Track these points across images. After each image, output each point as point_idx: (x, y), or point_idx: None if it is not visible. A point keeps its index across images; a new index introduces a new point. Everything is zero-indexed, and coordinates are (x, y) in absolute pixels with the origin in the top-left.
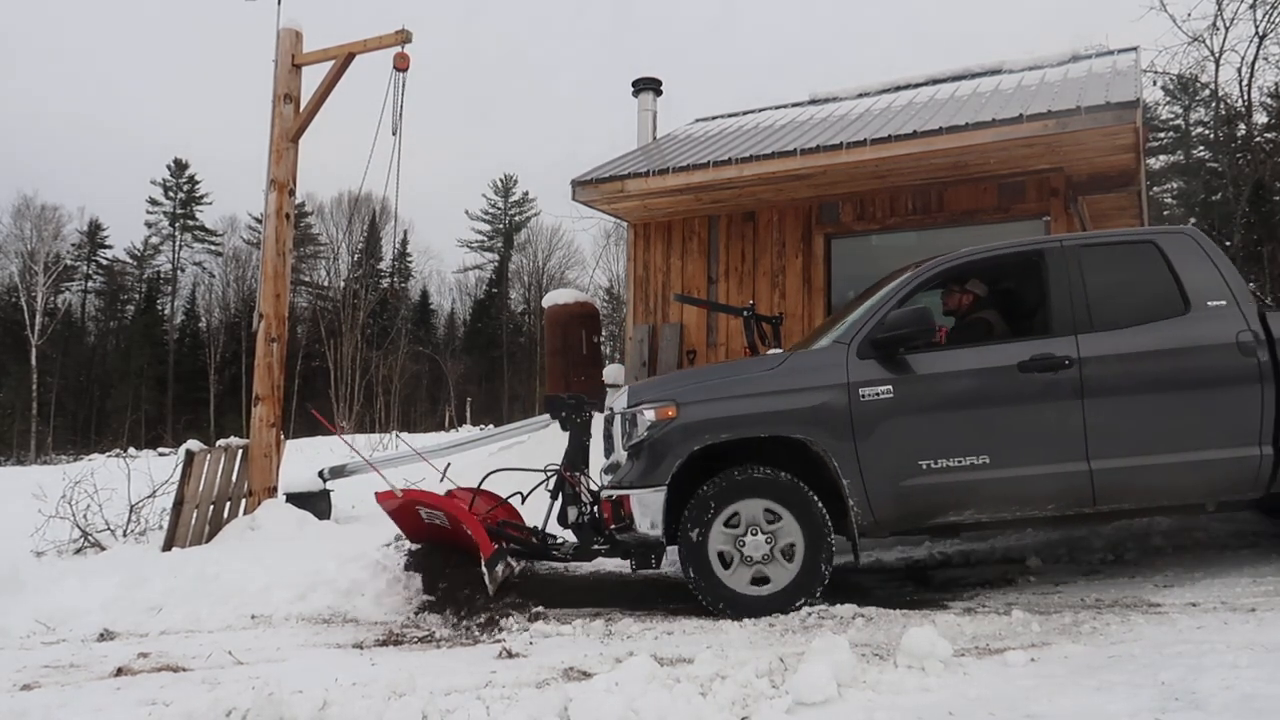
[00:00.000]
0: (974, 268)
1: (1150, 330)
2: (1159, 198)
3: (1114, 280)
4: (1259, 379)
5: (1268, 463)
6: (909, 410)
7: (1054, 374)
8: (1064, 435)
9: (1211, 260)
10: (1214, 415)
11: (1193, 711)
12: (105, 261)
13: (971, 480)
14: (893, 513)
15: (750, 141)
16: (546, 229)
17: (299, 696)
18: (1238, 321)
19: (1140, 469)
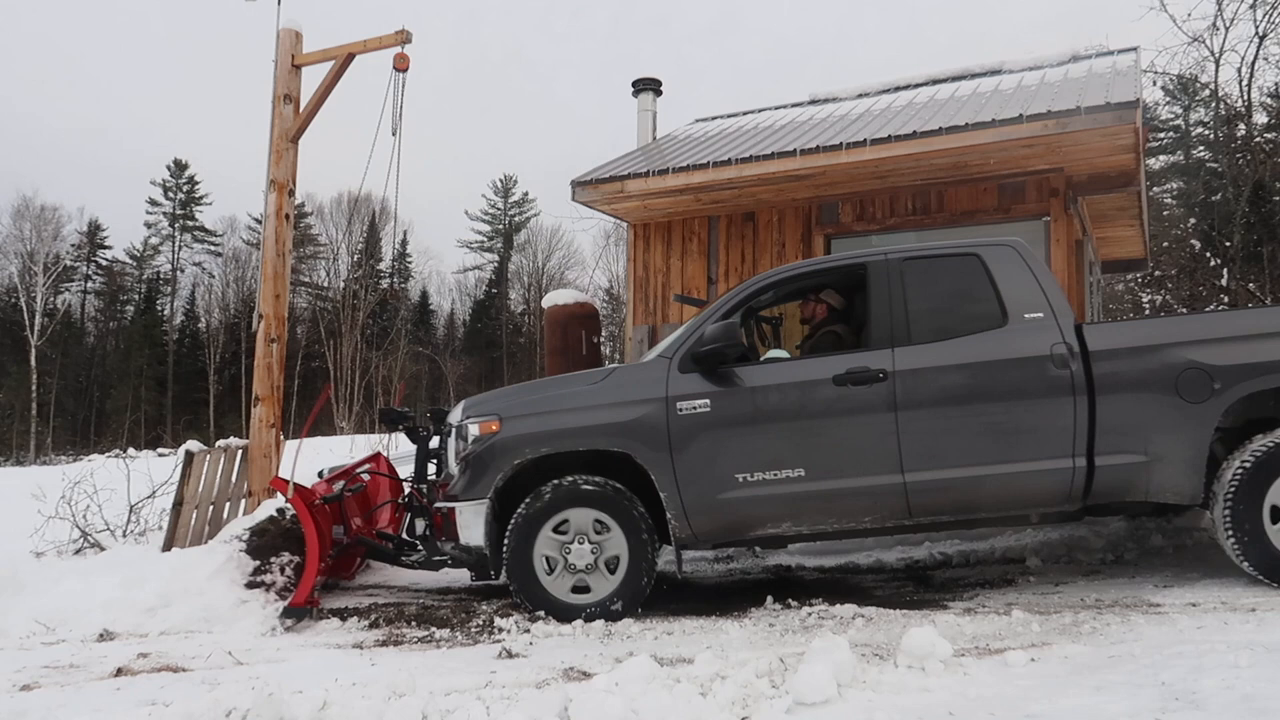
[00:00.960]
0: (795, 281)
1: (967, 343)
2: (1159, 198)
3: (936, 293)
4: (1072, 391)
5: (1081, 475)
6: (726, 424)
7: (868, 387)
8: (878, 448)
9: (1033, 273)
10: (1028, 428)
11: (1193, 711)
12: (105, 262)
13: (787, 493)
14: (710, 525)
15: (750, 142)
16: (546, 229)
17: (299, 696)
18: (1053, 334)
19: (954, 482)
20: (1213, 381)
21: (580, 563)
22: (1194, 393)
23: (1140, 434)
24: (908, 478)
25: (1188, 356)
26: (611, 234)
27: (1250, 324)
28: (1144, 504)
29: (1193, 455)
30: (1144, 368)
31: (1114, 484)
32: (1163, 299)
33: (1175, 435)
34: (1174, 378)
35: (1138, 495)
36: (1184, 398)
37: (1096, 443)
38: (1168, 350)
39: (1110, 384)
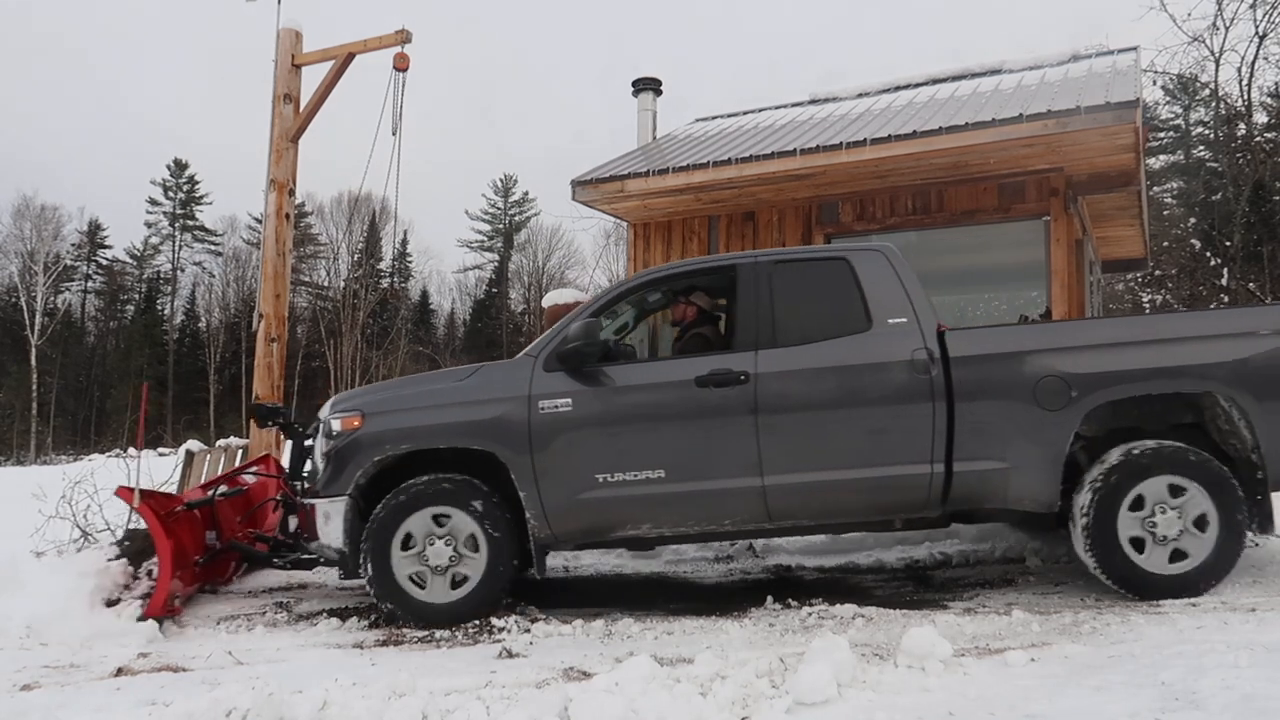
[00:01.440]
0: (666, 283)
1: (830, 347)
2: (1159, 198)
3: (803, 296)
4: (930, 397)
5: (938, 480)
6: (587, 424)
7: (730, 389)
8: (738, 451)
9: (899, 278)
10: (887, 433)
11: (1193, 711)
12: (105, 261)
13: (647, 495)
14: (570, 526)
15: (750, 141)
16: (546, 229)
17: (299, 696)
18: (915, 339)
19: (813, 486)
20: (1070, 390)
21: (438, 561)
22: (1052, 401)
23: (998, 441)
24: (767, 481)
25: (1046, 364)
26: (612, 233)
27: (1109, 333)
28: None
29: (1050, 464)
30: (1003, 375)
31: (972, 491)
32: (1163, 298)
33: (1033, 443)
34: (1032, 385)
35: (996, 502)
36: (1042, 406)
37: (955, 449)
38: (1027, 358)
39: (970, 390)
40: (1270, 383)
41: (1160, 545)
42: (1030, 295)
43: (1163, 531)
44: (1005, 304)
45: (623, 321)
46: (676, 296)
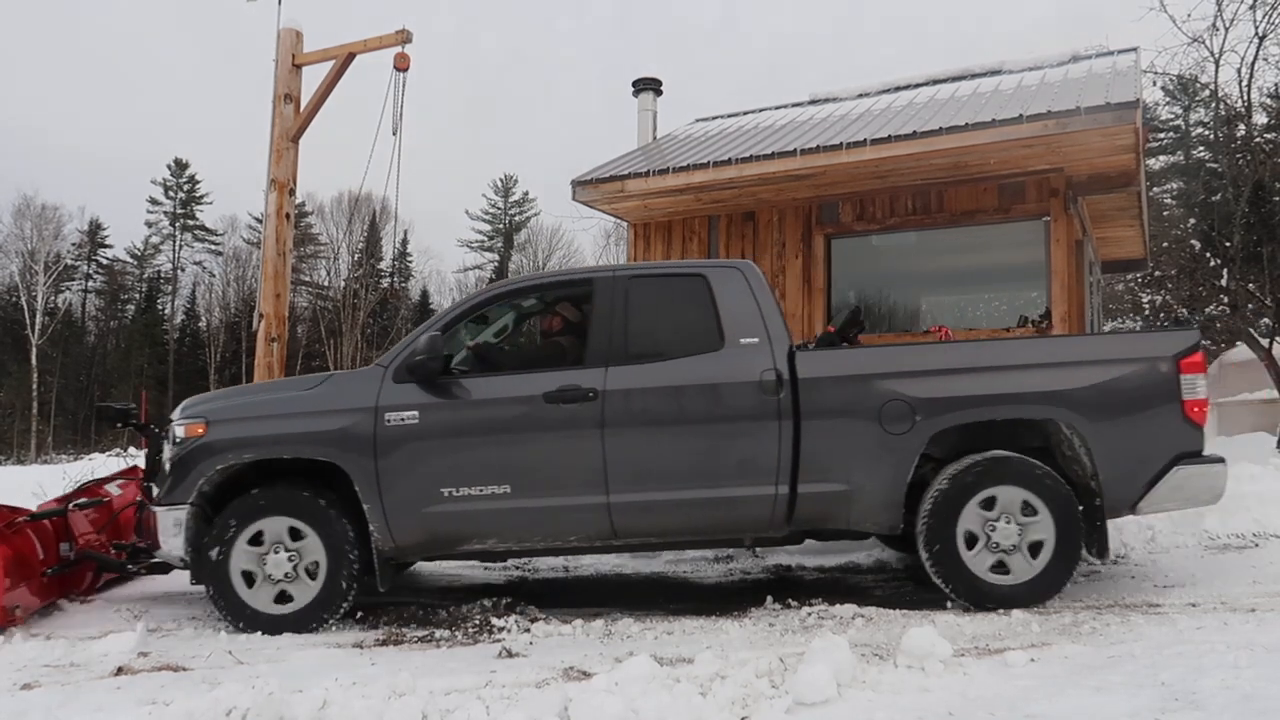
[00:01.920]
0: (523, 294)
1: (680, 365)
2: (1159, 198)
3: (659, 313)
4: (778, 417)
5: (783, 502)
6: (433, 436)
7: (578, 405)
8: (584, 468)
9: (755, 297)
10: (734, 452)
11: (1193, 711)
12: (105, 261)
13: (492, 510)
14: (414, 538)
15: (750, 141)
16: (546, 229)
17: (299, 696)
18: (765, 360)
19: (658, 504)
20: (914, 414)
21: (278, 572)
22: (896, 424)
23: (843, 463)
24: (612, 498)
25: (892, 388)
26: (612, 233)
27: (953, 358)
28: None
29: (892, 487)
30: (849, 397)
31: (816, 512)
32: (1163, 299)
33: (876, 466)
34: (878, 409)
35: (839, 524)
36: (886, 429)
37: (800, 470)
38: (873, 381)
39: (816, 412)
40: (1108, 411)
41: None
42: (1030, 295)
43: (1004, 543)
44: (1005, 304)
45: (501, 325)
46: (549, 307)
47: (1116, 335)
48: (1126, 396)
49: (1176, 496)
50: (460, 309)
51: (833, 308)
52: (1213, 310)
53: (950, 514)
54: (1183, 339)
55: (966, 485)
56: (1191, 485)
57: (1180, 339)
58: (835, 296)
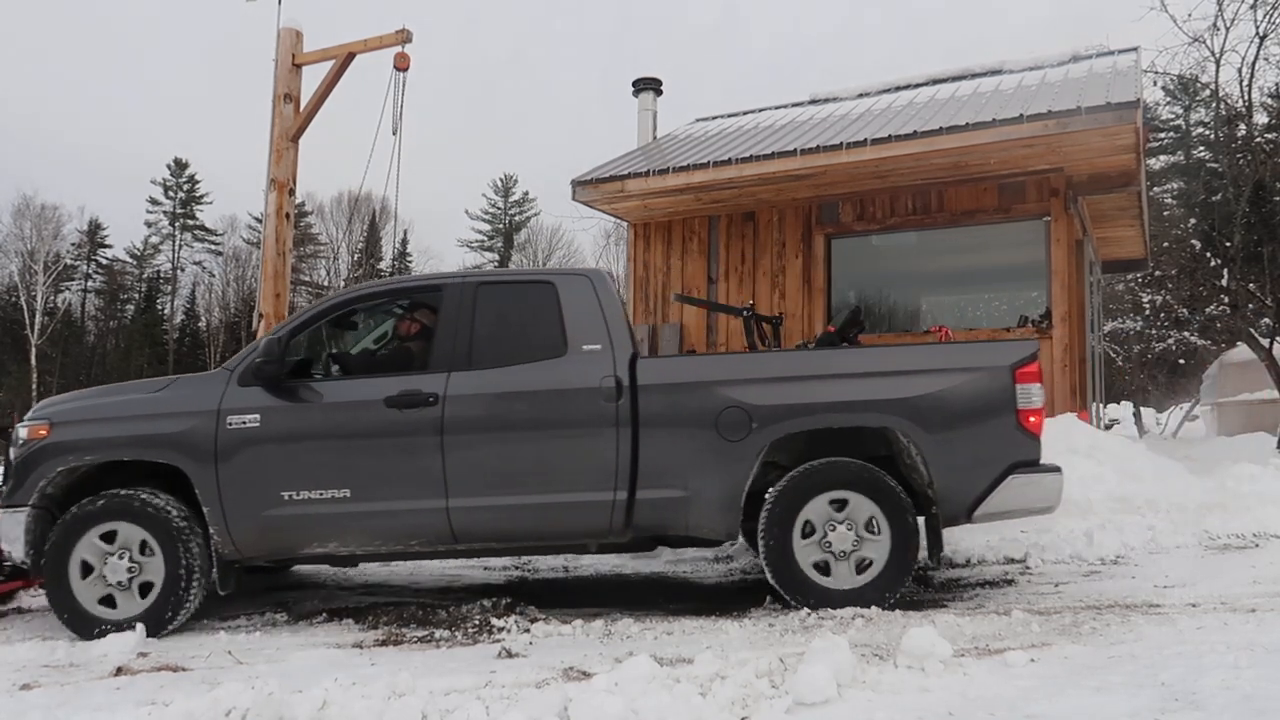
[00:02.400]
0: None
1: (523, 371)
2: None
3: (505, 319)
4: (615, 424)
5: (621, 507)
6: (274, 440)
7: (418, 411)
8: (424, 472)
9: (600, 304)
10: (573, 458)
11: (1193, 711)
12: (105, 261)
13: (332, 514)
14: (255, 542)
15: (750, 141)
16: (546, 229)
17: (299, 696)
18: (606, 366)
19: (497, 509)
20: (751, 421)
21: (116, 577)
22: (733, 432)
23: (681, 470)
24: (451, 503)
25: (730, 395)
26: (612, 233)
27: (792, 366)
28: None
29: (729, 493)
30: (688, 404)
31: (654, 518)
32: (1163, 299)
33: (714, 473)
34: (715, 416)
35: (678, 529)
36: (724, 436)
37: (638, 476)
38: (711, 389)
39: (655, 419)
40: (942, 420)
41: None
42: (1030, 295)
43: (838, 547)
44: (1005, 304)
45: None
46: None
47: (953, 345)
48: (961, 406)
49: (1012, 505)
50: (309, 314)
51: (833, 308)
52: (1213, 310)
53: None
54: (1019, 349)
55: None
56: (1027, 494)
57: (1016, 349)
58: (835, 296)
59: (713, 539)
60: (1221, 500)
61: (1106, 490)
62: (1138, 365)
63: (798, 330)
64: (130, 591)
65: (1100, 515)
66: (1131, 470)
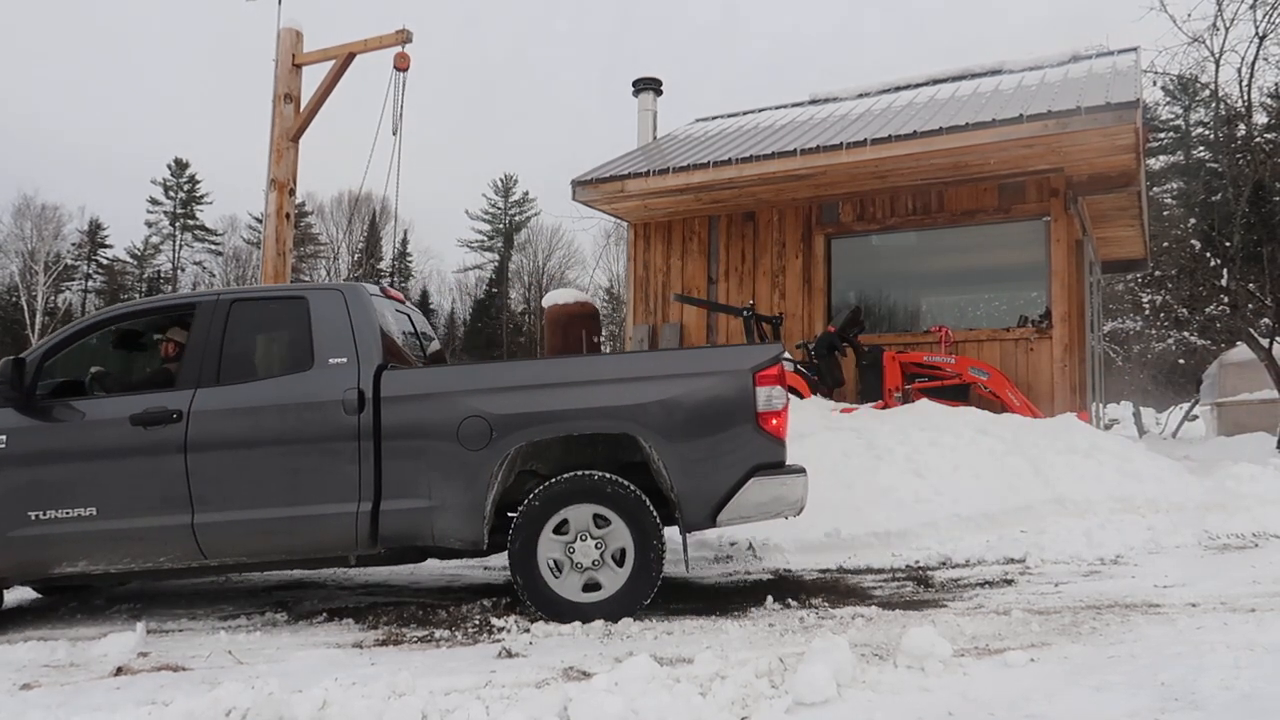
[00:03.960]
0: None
1: (268, 385)
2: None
3: (256, 335)
4: (358, 436)
5: (365, 519)
6: (21, 460)
7: (162, 428)
8: (168, 489)
9: (350, 318)
10: (316, 471)
11: (1193, 711)
12: (105, 261)
13: (78, 532)
14: (3, 563)
15: (750, 142)
16: (546, 229)
17: (299, 696)
18: (350, 379)
19: (242, 524)
20: (492, 431)
21: None
22: (474, 441)
23: (424, 480)
24: (197, 519)
25: (471, 405)
26: (612, 233)
27: (533, 374)
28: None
29: (473, 502)
30: (430, 415)
31: (399, 529)
32: (1163, 299)
33: (456, 482)
34: (456, 426)
35: (425, 540)
36: (465, 446)
37: (382, 488)
38: (453, 399)
39: (398, 430)
40: (681, 424)
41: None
42: (1030, 295)
43: (580, 559)
44: (1005, 304)
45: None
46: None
47: (691, 350)
48: (700, 410)
49: (755, 508)
50: (65, 334)
51: (833, 308)
52: (1213, 310)
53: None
54: (761, 353)
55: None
56: (769, 496)
57: (758, 353)
58: (835, 296)
59: (462, 549)
60: (1221, 500)
61: (1106, 490)
62: (1138, 365)
63: (798, 330)
64: None
65: (1100, 515)
66: (1131, 470)
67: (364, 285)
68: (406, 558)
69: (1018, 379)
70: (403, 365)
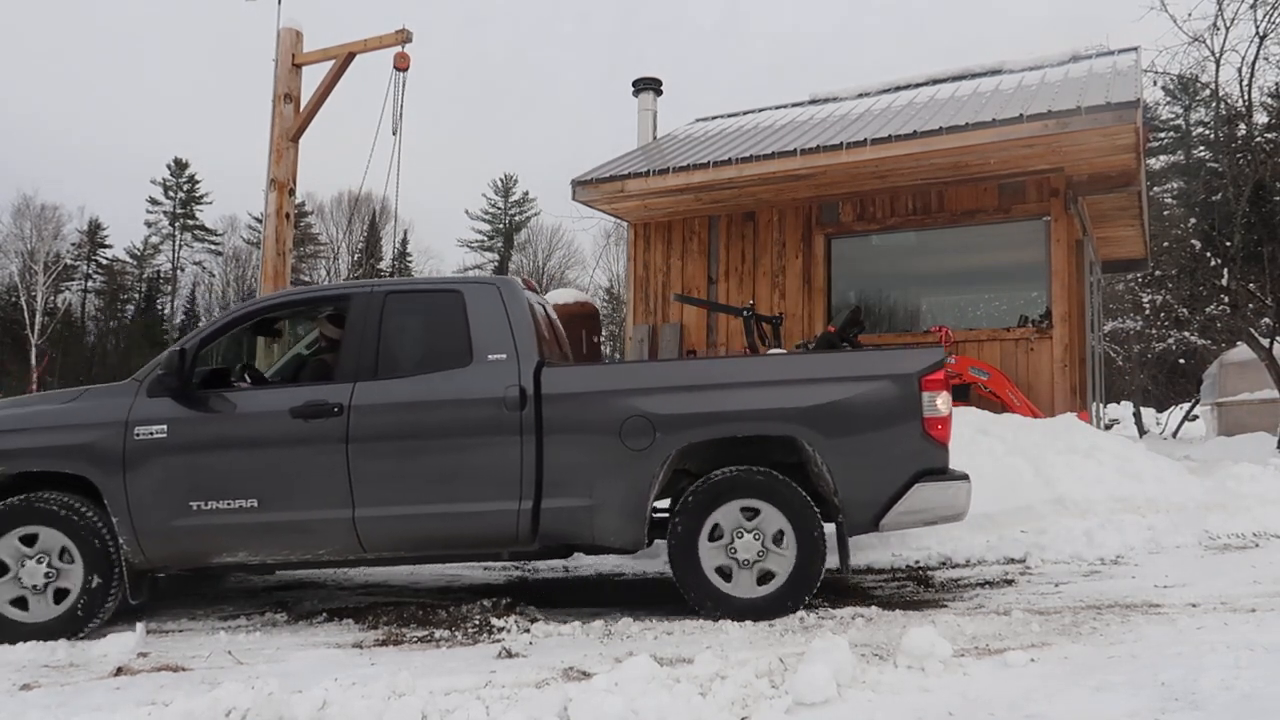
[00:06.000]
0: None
1: (428, 380)
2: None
3: (413, 328)
4: (520, 432)
5: (527, 516)
6: (182, 450)
7: (323, 421)
8: (329, 482)
9: (507, 313)
10: (477, 467)
11: (1193, 711)
12: (105, 261)
13: (240, 524)
14: (164, 552)
15: (750, 141)
16: (546, 229)
17: (299, 696)
18: (510, 375)
19: (403, 519)
20: (655, 430)
21: (30, 581)
22: (636, 440)
23: (585, 479)
24: (358, 513)
25: (633, 405)
26: (612, 233)
27: (697, 375)
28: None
29: (634, 502)
30: (592, 413)
31: (560, 527)
32: (1163, 299)
33: (618, 482)
34: (619, 425)
35: (583, 539)
36: (627, 445)
37: (544, 485)
38: (615, 398)
39: (560, 427)
40: (847, 428)
41: (743, 569)
42: (1030, 295)
43: (743, 555)
44: (1005, 304)
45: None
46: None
47: (858, 353)
48: (864, 414)
49: (918, 514)
50: (217, 325)
51: (833, 308)
52: (1213, 310)
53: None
54: (925, 356)
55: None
56: (933, 502)
57: (923, 356)
58: (835, 297)
59: (620, 548)
60: (1221, 500)
61: (1106, 490)
62: (1138, 365)
63: (798, 330)
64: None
65: (1100, 515)
66: (1131, 470)
67: (515, 279)
68: (554, 553)
69: (1018, 379)
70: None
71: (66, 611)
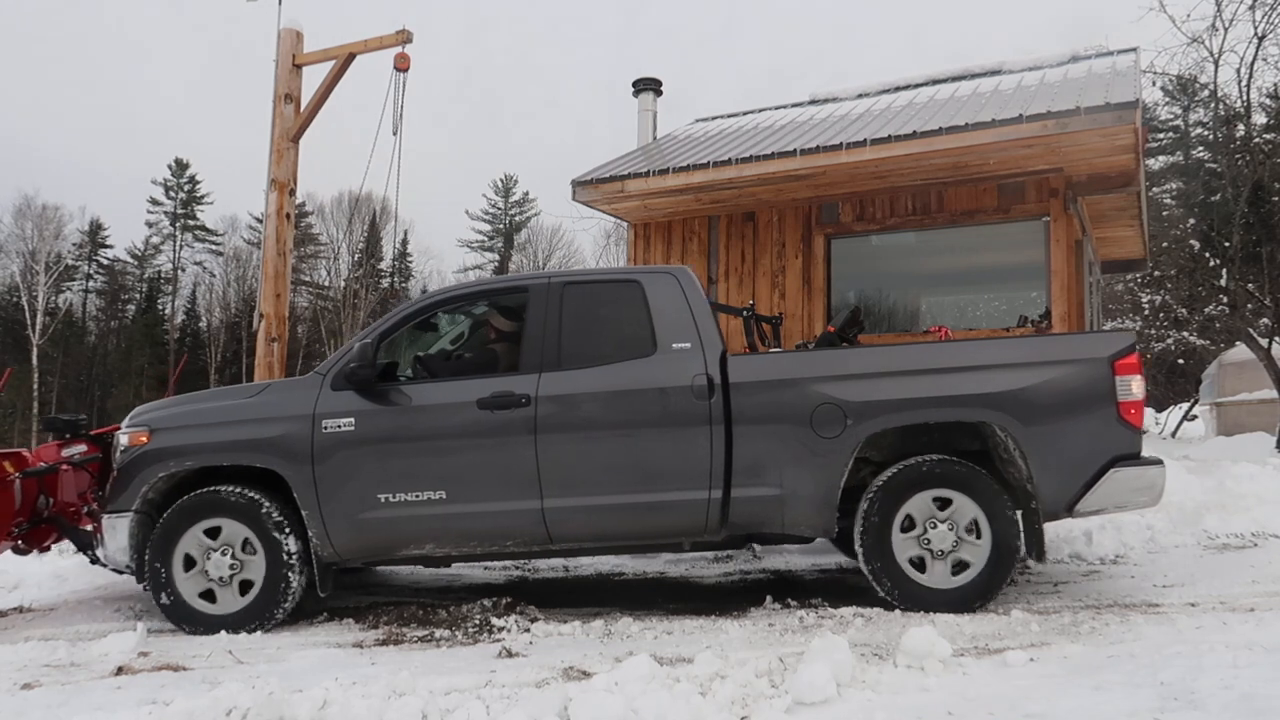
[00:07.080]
0: (459, 302)
1: (613, 370)
2: (1158, 198)
3: (593, 318)
4: (709, 422)
5: (716, 505)
6: (370, 443)
7: (511, 412)
8: (518, 473)
9: (688, 302)
10: (665, 457)
11: (1192, 711)
12: (106, 261)
13: (428, 515)
14: (352, 544)
15: (750, 142)
16: (547, 229)
17: (299, 696)
18: (697, 364)
19: (591, 509)
20: (846, 418)
21: (219, 573)
22: (828, 428)
23: (775, 467)
24: (546, 503)
25: (823, 392)
26: (612, 233)
27: (885, 361)
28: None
29: (825, 490)
30: (781, 402)
31: (750, 516)
32: (1162, 299)
33: (809, 470)
34: (809, 413)
35: (774, 527)
36: (818, 433)
37: (733, 475)
38: (804, 385)
39: (748, 416)
40: (1041, 413)
41: (937, 559)
42: (1030, 295)
43: (938, 546)
44: (1005, 304)
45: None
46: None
47: (1050, 337)
48: (1059, 399)
49: (1114, 499)
50: (396, 317)
51: (833, 308)
52: (1212, 310)
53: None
54: (1118, 340)
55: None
56: (1128, 488)
57: (1115, 340)
58: (835, 296)
59: (808, 536)
60: (1221, 500)
61: None
62: None
63: (798, 330)
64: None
65: (1099, 515)
66: None
67: (689, 269)
68: (734, 543)
69: None
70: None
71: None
